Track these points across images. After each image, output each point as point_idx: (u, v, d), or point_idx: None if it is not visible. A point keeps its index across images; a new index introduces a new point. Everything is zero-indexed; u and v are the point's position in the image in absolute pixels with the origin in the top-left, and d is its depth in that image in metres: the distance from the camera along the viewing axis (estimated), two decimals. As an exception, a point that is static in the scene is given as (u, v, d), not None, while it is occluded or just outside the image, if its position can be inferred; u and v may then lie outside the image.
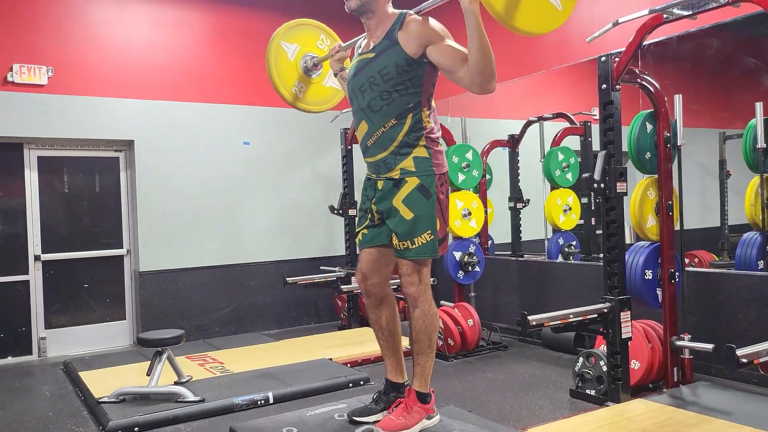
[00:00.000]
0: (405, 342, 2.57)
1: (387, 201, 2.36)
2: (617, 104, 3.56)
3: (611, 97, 3.53)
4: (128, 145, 5.95)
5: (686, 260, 6.61)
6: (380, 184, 2.40)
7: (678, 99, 3.79)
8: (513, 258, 5.96)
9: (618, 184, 3.52)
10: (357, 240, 2.60)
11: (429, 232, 2.29)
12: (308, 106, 3.44)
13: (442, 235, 2.37)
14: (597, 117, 3.80)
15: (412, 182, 2.29)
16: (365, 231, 2.54)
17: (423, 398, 2.28)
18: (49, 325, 5.67)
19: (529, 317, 3.26)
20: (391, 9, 2.39)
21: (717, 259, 5.67)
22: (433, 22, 2.26)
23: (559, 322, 3.39)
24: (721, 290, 4.04)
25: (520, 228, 6.27)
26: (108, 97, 5.73)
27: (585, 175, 3.54)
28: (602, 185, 3.51)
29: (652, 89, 3.67)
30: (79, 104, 5.60)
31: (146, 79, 5.93)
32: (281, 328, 6.54)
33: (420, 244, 2.29)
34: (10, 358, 5.47)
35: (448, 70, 2.21)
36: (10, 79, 5.30)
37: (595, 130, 5.49)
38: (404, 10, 2.36)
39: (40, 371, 5.15)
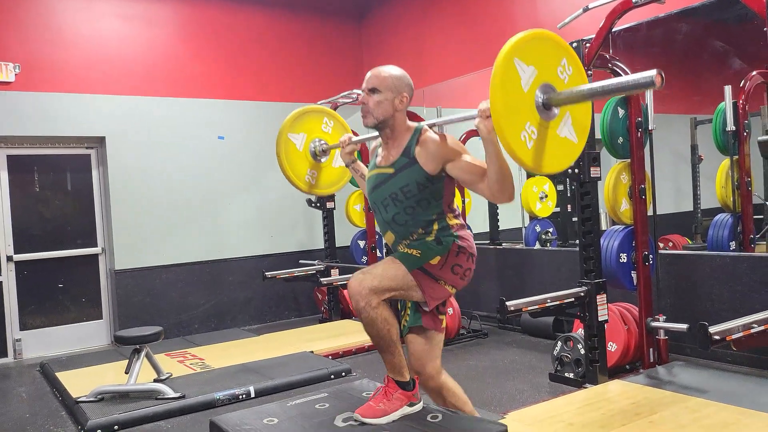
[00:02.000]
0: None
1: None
2: (589, 90, 3.59)
3: (583, 83, 3.55)
4: (100, 141, 5.87)
5: (660, 244, 6.74)
6: None
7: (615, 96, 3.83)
8: (491, 246, 6.00)
9: (591, 169, 3.56)
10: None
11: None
12: (323, 190, 3.59)
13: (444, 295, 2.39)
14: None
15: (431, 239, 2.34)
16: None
17: (403, 385, 2.29)
18: (24, 327, 5.58)
19: (508, 303, 3.29)
20: (407, 123, 2.42)
21: (690, 242, 5.77)
22: (450, 141, 2.29)
23: (536, 307, 3.42)
24: (694, 271, 4.11)
25: (498, 217, 6.31)
26: (78, 93, 5.64)
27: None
28: (576, 170, 3.55)
29: (623, 74, 3.71)
30: (48, 101, 5.51)
31: (117, 74, 5.84)
32: (262, 323, 6.51)
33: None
34: (-16, 361, 5.38)
35: (467, 184, 2.26)
36: (-25, 77, 5.19)
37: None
38: (420, 124, 2.40)
39: (16, 373, 5.07)
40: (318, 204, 6.11)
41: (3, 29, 5.33)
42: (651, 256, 3.86)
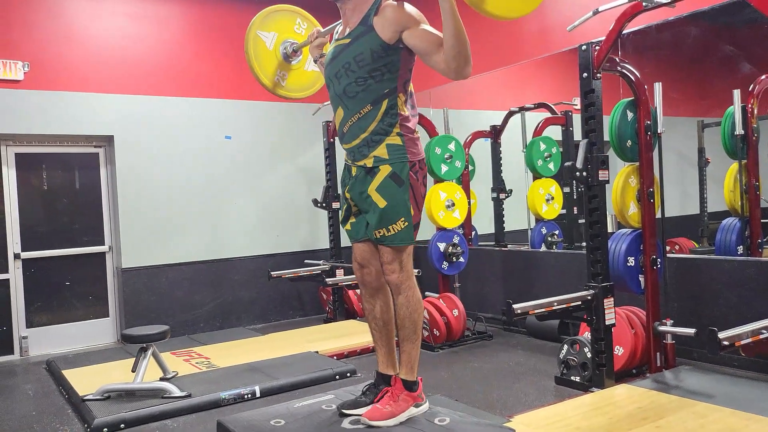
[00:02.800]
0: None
1: (360, 189, 2.37)
2: (598, 93, 3.59)
3: (592, 86, 3.55)
4: (108, 140, 5.88)
5: (667, 247, 6.72)
6: (354, 171, 2.41)
7: (658, 87, 3.82)
8: (497, 248, 6.00)
9: (600, 172, 3.55)
10: (346, 229, 2.60)
11: (403, 219, 2.30)
12: (290, 93, 3.43)
13: (416, 221, 2.38)
14: (578, 107, 3.82)
15: (384, 170, 2.29)
16: (349, 227, 2.55)
17: (410, 386, 2.29)
18: (30, 324, 5.60)
19: (514, 305, 3.29)
20: None
21: (697, 245, 5.75)
22: (409, 7, 2.25)
23: (543, 310, 3.41)
24: (702, 276, 4.09)
25: (503, 218, 6.30)
26: (86, 92, 5.65)
27: (567, 163, 3.57)
28: (584, 173, 3.54)
29: (632, 77, 3.70)
30: (57, 100, 5.52)
31: (125, 73, 5.85)
32: (267, 322, 6.52)
33: (395, 231, 2.30)
34: (-9, 358, 5.40)
35: (423, 54, 2.20)
36: (-15, 75, 5.21)
37: (577, 119, 5.53)
38: None
39: (22, 371, 5.09)
40: (324, 204, 6.11)
41: (12, 28, 5.35)
42: (659, 259, 3.85)
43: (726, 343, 2.47)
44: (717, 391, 3.40)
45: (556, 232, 5.89)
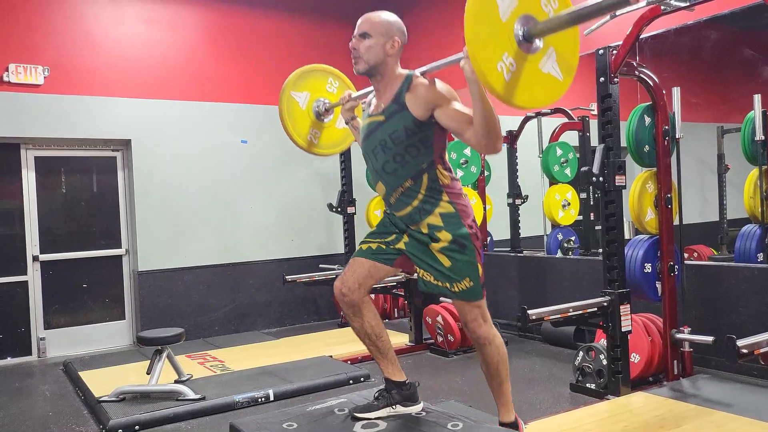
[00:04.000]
0: (395, 339, 2.56)
1: (420, 244, 2.35)
2: (615, 97, 3.56)
3: (609, 90, 3.53)
4: (125, 144, 5.94)
5: (685, 255, 6.64)
6: (413, 227, 2.40)
7: (676, 91, 3.79)
8: (512, 254, 5.96)
9: (617, 177, 3.52)
10: (359, 247, 2.55)
11: (468, 278, 2.30)
12: (323, 150, 3.52)
13: (484, 279, 2.38)
14: (595, 112, 3.80)
15: (444, 237, 2.30)
16: (374, 245, 2.49)
17: (514, 426, 2.31)
18: (48, 326, 5.66)
19: (529, 311, 3.26)
20: (399, 70, 2.41)
21: (716, 253, 5.68)
22: (440, 85, 2.28)
23: (558, 316, 3.39)
24: (721, 283, 4.03)
25: (519, 224, 6.27)
26: (105, 96, 5.72)
27: (584, 168, 3.54)
28: (601, 179, 3.51)
29: (650, 82, 3.67)
30: (76, 104, 5.59)
31: (143, 78, 5.91)
32: (281, 326, 6.53)
33: (460, 289, 2.30)
34: (9, 358, 5.46)
35: (454, 132, 2.25)
36: (6, 79, 5.28)
37: (594, 125, 5.49)
38: (411, 72, 2.38)
39: (39, 372, 5.14)
40: (339, 209, 6.12)
41: (33, 33, 5.43)
42: (676, 266, 3.80)
43: (745, 351, 2.43)
44: (735, 400, 3.35)
45: (572, 238, 5.85)
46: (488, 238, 6.32)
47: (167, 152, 6.00)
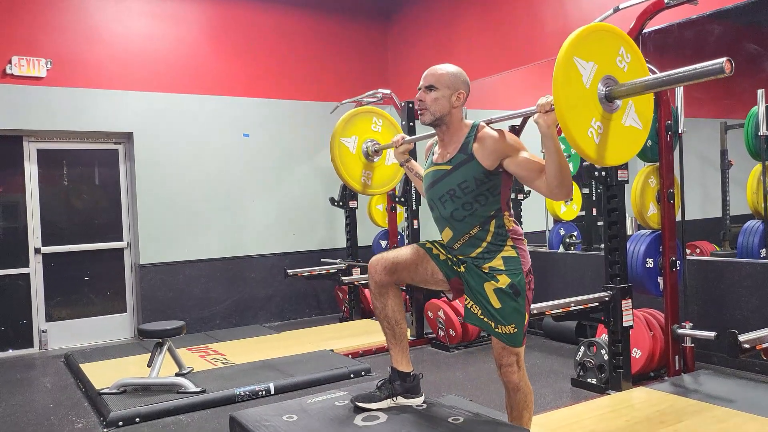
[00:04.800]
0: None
1: (478, 278, 2.38)
2: (618, 92, 3.53)
3: (612, 85, 3.50)
4: (127, 137, 5.94)
5: (687, 251, 6.62)
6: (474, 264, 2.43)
7: (679, 87, 3.76)
8: (514, 249, 5.95)
9: (619, 172, 3.51)
10: (424, 242, 2.54)
11: (514, 326, 2.32)
12: (377, 190, 3.64)
13: (527, 328, 2.41)
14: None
15: (503, 280, 2.34)
16: (442, 255, 2.49)
17: None
18: (50, 318, 5.67)
19: (531, 306, 3.25)
20: (464, 121, 2.45)
21: (718, 249, 5.66)
22: (508, 137, 2.31)
23: (560, 310, 3.38)
24: (723, 279, 4.02)
25: (522, 219, 6.26)
26: (107, 89, 5.72)
27: (586, 163, 3.53)
28: (603, 173, 3.50)
29: (653, 76, 3.65)
30: (78, 96, 5.59)
31: (145, 71, 5.91)
32: (283, 320, 6.54)
33: (503, 332, 2.32)
34: (11, 350, 5.47)
35: (525, 180, 2.29)
36: (9, 71, 5.28)
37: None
38: (476, 122, 2.42)
39: (41, 364, 5.15)
40: (341, 203, 6.11)
41: (36, 25, 5.43)
42: (678, 261, 3.79)
43: (747, 346, 2.42)
44: (737, 395, 3.34)
45: (575, 233, 5.83)
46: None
47: (169, 145, 6.00)
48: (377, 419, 2.14)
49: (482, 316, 2.37)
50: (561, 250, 5.71)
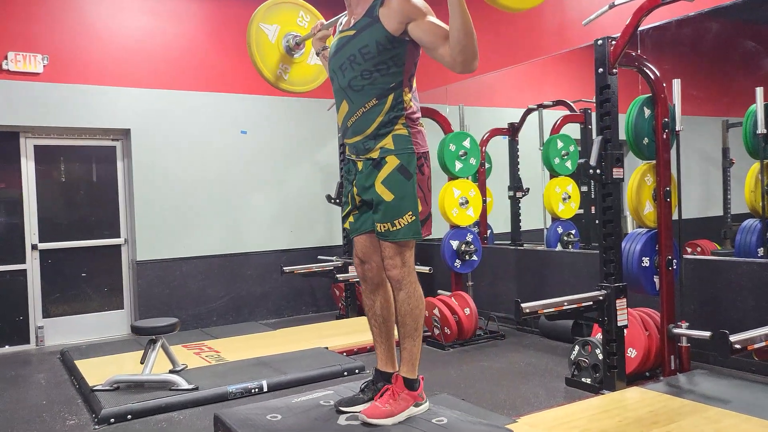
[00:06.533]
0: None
1: (366, 182, 2.32)
2: (614, 88, 3.50)
3: (608, 81, 3.47)
4: (125, 134, 5.93)
5: (688, 249, 6.57)
6: (360, 165, 2.36)
7: (676, 84, 3.73)
8: (511, 247, 5.92)
9: (614, 169, 3.48)
10: (345, 226, 2.56)
11: (410, 213, 2.25)
12: (292, 87, 3.37)
13: (425, 216, 2.32)
14: (596, 103, 3.73)
15: (392, 162, 2.24)
16: (351, 219, 2.50)
17: (410, 385, 2.24)
18: (47, 314, 5.67)
19: (523, 304, 3.23)
20: None
21: (719, 248, 5.62)
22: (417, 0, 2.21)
23: (553, 309, 3.35)
24: (721, 278, 3.99)
25: (520, 217, 6.22)
26: (104, 85, 5.70)
27: (580, 160, 3.50)
28: (598, 171, 3.47)
29: (650, 73, 3.62)
30: (76, 93, 5.57)
31: (143, 67, 5.89)
32: (279, 317, 6.52)
33: (401, 226, 2.25)
34: (7, 347, 5.47)
35: (428, 47, 2.16)
36: (5, 67, 5.27)
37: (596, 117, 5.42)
38: None
39: (37, 360, 5.15)
40: (337, 200, 6.09)
41: (33, 21, 5.41)
42: (675, 260, 3.76)
43: (738, 346, 2.39)
44: (733, 396, 3.31)
45: (573, 231, 5.80)
46: (488, 231, 6.28)
47: (167, 142, 5.98)
48: (359, 420, 2.12)
49: (380, 224, 2.29)
50: (559, 248, 5.68)
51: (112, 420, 3.48)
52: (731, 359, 3.58)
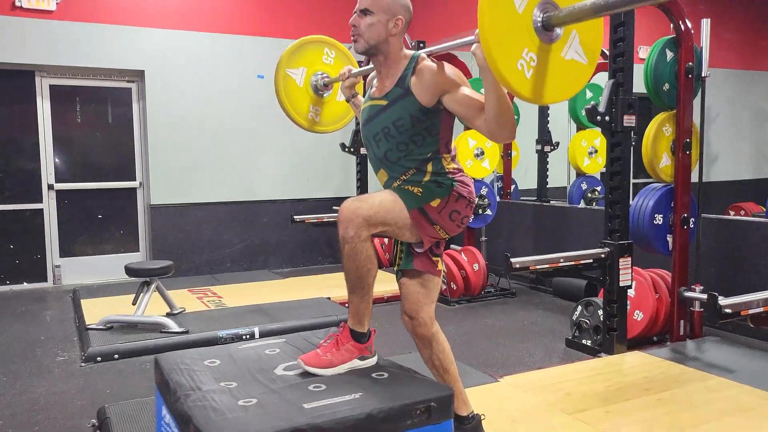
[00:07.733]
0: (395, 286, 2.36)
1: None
2: (630, 27, 3.18)
3: (622, 18, 3.15)
4: (140, 75, 5.85)
5: (732, 212, 6.16)
6: None
7: (705, 23, 3.37)
8: (530, 202, 5.66)
9: (625, 117, 3.18)
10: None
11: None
12: (325, 128, 3.32)
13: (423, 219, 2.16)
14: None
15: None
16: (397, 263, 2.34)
17: (357, 337, 2.10)
18: (64, 254, 5.75)
19: (513, 259, 3.02)
20: (403, 51, 2.17)
21: (765, 210, 5.29)
22: (449, 70, 2.03)
23: (547, 266, 3.13)
24: (745, 240, 3.67)
25: (547, 173, 5.92)
26: (118, 24, 5.60)
27: (588, 105, 3.21)
28: (607, 118, 3.18)
29: (671, 8, 3.26)
30: (89, 31, 5.50)
31: (158, 7, 5.76)
32: (294, 266, 6.47)
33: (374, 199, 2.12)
34: (25, 284, 5.59)
35: (464, 119, 2.03)
36: (18, 3, 5.22)
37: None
38: (417, 53, 2.15)
39: (51, 297, 5.25)
40: (352, 149, 5.92)
41: (47, -43, 5.33)
42: (692, 219, 3.46)
43: (729, 311, 2.13)
44: (741, 366, 3.07)
45: (598, 188, 5.48)
46: (512, 186, 6.02)
47: (182, 85, 5.88)
48: (297, 369, 1.99)
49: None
50: (582, 205, 5.39)
51: (99, 358, 3.50)
52: (753, 328, 3.30)
